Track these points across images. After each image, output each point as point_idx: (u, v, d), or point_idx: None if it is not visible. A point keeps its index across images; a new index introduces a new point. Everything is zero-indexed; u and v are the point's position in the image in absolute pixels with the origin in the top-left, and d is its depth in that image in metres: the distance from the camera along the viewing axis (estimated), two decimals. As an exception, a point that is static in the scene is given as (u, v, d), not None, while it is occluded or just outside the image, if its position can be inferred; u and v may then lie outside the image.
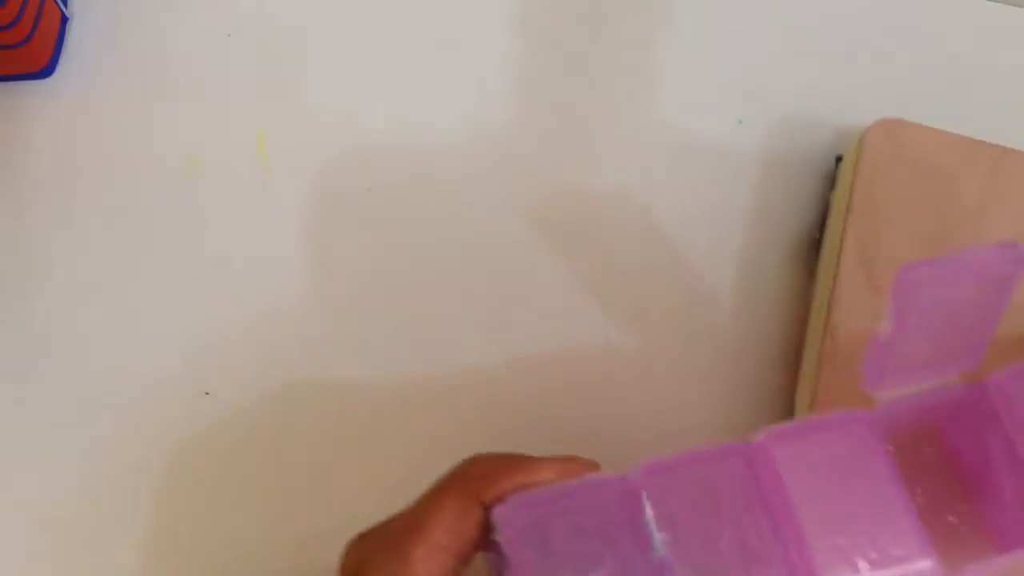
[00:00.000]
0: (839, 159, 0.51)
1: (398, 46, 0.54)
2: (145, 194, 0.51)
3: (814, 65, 0.53)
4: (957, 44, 0.54)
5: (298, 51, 0.53)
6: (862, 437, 0.39)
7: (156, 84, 0.53)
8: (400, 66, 0.53)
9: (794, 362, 0.50)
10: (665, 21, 0.54)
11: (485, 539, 0.37)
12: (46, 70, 0.52)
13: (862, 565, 0.37)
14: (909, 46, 0.54)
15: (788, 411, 0.49)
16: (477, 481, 0.36)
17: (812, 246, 0.51)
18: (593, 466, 0.39)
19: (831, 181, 0.51)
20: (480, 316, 0.50)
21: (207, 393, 0.48)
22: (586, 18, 0.54)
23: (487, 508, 0.36)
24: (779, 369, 0.50)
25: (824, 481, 0.38)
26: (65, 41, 0.52)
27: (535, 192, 0.51)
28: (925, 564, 0.37)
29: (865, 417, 0.39)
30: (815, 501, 0.38)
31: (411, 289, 0.50)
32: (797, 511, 0.38)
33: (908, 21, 0.54)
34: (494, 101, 0.53)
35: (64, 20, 0.52)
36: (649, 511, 0.37)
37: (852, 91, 0.53)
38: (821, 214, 0.51)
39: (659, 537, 0.37)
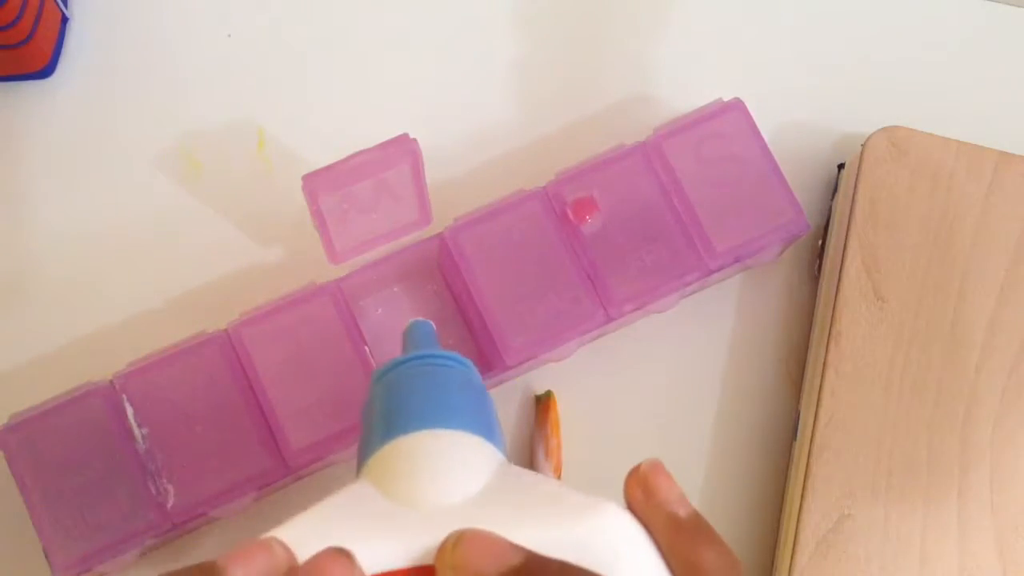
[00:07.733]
0: (841, 166, 0.51)
1: (399, 45, 0.54)
2: (145, 194, 0.51)
3: (815, 72, 0.54)
4: (958, 46, 0.54)
5: (298, 51, 0.53)
6: (323, 307, 0.45)
7: (156, 84, 0.52)
8: (400, 65, 0.53)
9: (797, 369, 0.50)
10: (664, 26, 0.54)
11: None
12: (46, 70, 0.51)
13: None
14: (910, 51, 0.54)
15: (791, 418, 0.49)
16: None
17: (815, 253, 0.51)
18: (265, 546, 0.30)
19: (833, 188, 0.51)
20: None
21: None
22: (583, 22, 0.54)
23: None
24: (782, 376, 0.50)
25: (289, 356, 0.45)
26: (65, 41, 0.52)
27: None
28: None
29: (329, 288, 0.46)
30: (282, 375, 0.44)
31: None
32: (266, 386, 0.44)
33: (908, 25, 0.54)
34: (496, 101, 0.53)
35: (64, 20, 0.52)
36: (130, 410, 0.44)
37: (853, 98, 0.53)
38: (823, 222, 0.51)
39: (140, 432, 0.43)
